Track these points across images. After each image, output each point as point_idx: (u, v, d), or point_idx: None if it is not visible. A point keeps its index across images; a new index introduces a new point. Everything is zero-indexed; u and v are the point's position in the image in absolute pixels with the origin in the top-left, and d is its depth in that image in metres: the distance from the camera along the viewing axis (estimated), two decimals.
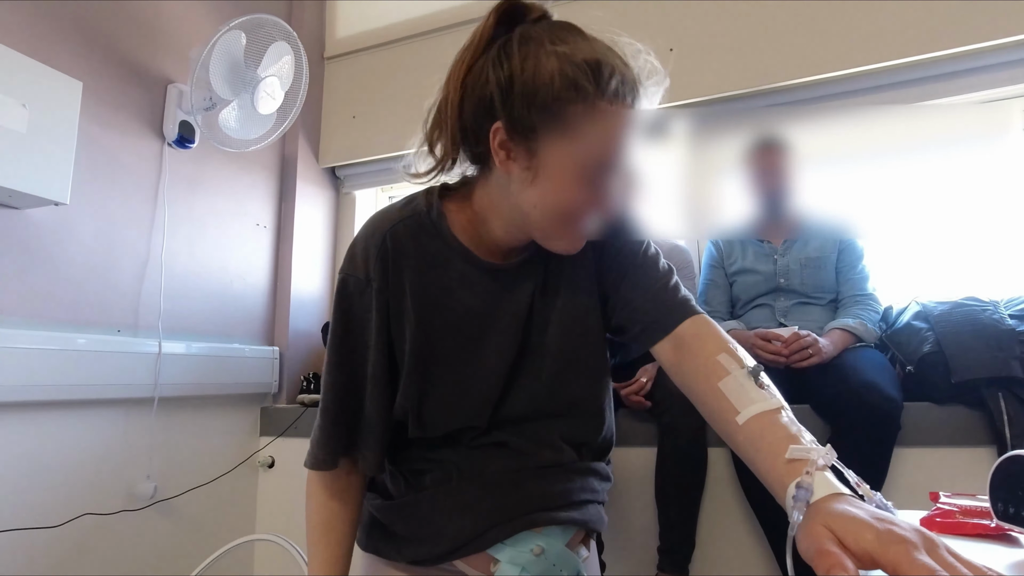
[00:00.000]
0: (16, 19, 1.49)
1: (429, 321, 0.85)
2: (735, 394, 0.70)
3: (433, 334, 0.86)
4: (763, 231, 1.70)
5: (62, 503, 1.50)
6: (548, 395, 0.90)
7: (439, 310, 0.86)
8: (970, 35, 1.62)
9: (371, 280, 0.84)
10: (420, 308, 0.85)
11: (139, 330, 1.72)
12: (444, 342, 0.86)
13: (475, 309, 0.86)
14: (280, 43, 1.83)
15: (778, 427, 0.65)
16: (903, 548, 0.45)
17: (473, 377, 0.88)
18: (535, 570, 0.84)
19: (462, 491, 0.88)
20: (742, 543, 1.57)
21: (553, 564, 0.85)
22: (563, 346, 0.89)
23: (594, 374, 0.93)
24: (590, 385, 0.93)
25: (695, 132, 0.91)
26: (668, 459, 1.52)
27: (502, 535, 0.84)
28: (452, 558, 0.87)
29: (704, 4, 1.92)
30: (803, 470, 0.59)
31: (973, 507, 0.65)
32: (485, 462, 0.89)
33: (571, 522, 0.87)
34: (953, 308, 1.55)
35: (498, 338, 0.87)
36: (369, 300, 0.84)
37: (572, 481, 0.89)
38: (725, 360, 0.74)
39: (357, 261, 0.85)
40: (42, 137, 1.40)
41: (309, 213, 2.33)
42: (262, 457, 2.06)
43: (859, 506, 0.53)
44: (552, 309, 0.90)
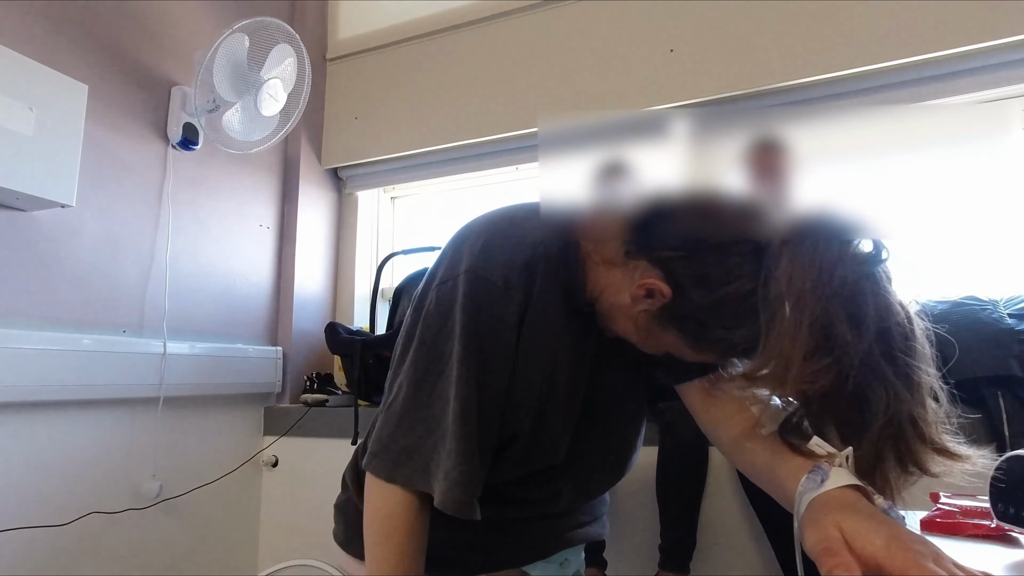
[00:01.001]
0: (23, 23, 1.50)
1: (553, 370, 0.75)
2: (767, 414, 0.69)
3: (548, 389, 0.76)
4: None
5: (68, 502, 1.51)
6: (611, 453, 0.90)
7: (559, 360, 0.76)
8: (971, 35, 1.62)
9: (511, 289, 0.71)
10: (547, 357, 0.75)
11: (144, 330, 1.73)
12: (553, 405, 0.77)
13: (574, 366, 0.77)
14: (283, 45, 1.84)
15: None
16: (911, 556, 0.45)
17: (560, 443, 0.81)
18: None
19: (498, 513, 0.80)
20: (743, 541, 1.57)
21: (570, 574, 0.96)
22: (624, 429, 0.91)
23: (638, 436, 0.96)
24: (636, 441, 0.95)
25: (695, 133, 0.92)
26: (669, 457, 1.53)
27: (540, 555, 0.90)
28: (485, 571, 0.88)
29: (704, 4, 1.93)
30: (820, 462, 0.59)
31: (973, 508, 0.66)
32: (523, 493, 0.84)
33: (597, 536, 0.96)
34: (952, 307, 1.55)
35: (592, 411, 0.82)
36: (506, 310, 0.71)
37: (595, 503, 0.98)
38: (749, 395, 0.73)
39: (495, 263, 0.71)
40: (48, 140, 1.41)
41: (312, 214, 2.33)
42: (266, 456, 2.07)
43: (872, 508, 0.53)
44: (613, 369, 0.83)
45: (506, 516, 0.84)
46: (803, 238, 0.60)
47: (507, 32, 2.18)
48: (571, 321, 0.74)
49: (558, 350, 0.74)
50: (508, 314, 0.71)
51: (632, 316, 0.70)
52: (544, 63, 2.11)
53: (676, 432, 1.53)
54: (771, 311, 0.59)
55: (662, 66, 1.96)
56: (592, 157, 1.01)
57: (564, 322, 0.74)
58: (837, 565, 0.46)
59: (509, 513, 0.84)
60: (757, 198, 0.64)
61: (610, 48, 2.03)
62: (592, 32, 2.06)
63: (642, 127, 1.00)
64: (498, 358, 0.72)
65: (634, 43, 2.01)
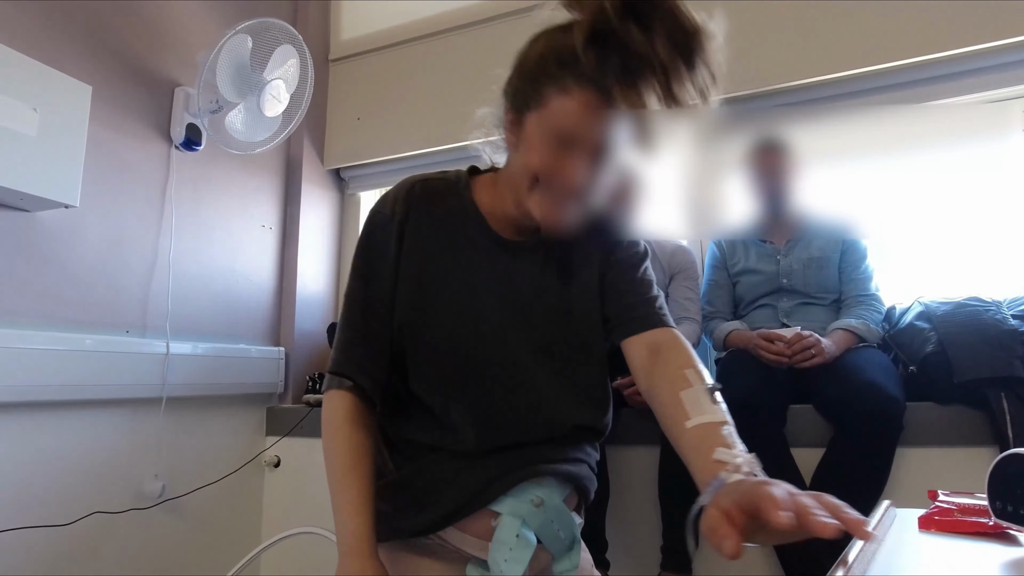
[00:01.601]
0: (27, 25, 1.51)
1: (436, 270, 0.91)
2: (691, 404, 0.77)
3: (437, 283, 0.91)
4: (766, 231, 1.71)
5: (72, 502, 1.52)
6: (549, 381, 0.92)
7: (446, 264, 0.91)
8: (971, 36, 1.62)
9: (394, 215, 0.91)
10: (430, 254, 0.91)
11: (147, 331, 1.73)
12: (443, 296, 0.90)
13: (478, 273, 0.91)
14: (286, 46, 1.84)
15: (717, 436, 0.71)
16: (765, 490, 0.54)
17: (472, 336, 0.90)
18: (535, 523, 0.87)
19: (464, 455, 0.89)
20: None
21: (552, 521, 0.88)
22: (566, 329, 0.93)
23: (596, 359, 0.95)
24: (593, 371, 0.95)
25: (697, 133, 0.92)
26: (671, 458, 1.53)
27: (504, 487, 0.87)
28: (453, 521, 0.89)
29: (706, 5, 1.92)
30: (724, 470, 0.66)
31: (971, 505, 0.66)
32: (484, 433, 0.90)
33: (567, 475, 0.91)
34: (956, 308, 1.55)
35: (500, 307, 0.91)
36: (390, 232, 0.91)
37: (566, 445, 0.94)
38: (691, 374, 0.81)
39: (386, 200, 0.94)
40: (52, 140, 1.41)
41: (314, 214, 2.34)
42: (268, 457, 2.08)
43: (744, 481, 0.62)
44: (555, 292, 0.93)
45: (460, 449, 0.89)
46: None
47: (509, 33, 2.19)
48: (452, 225, 0.92)
49: (434, 248, 0.91)
50: (390, 232, 0.91)
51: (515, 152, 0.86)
52: None
53: None
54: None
55: None
56: None
57: (442, 226, 0.92)
58: (721, 537, 0.55)
59: (460, 443, 0.89)
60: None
61: None
62: None
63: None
64: (382, 264, 0.91)
65: None
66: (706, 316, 1.81)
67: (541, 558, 0.90)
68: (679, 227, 1.08)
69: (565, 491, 0.92)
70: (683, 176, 0.89)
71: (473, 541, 0.89)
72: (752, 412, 1.51)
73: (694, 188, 0.89)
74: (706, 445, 0.71)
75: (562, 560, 0.91)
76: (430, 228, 0.92)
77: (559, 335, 0.93)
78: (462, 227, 0.93)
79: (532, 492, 0.88)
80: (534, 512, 0.87)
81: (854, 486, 1.40)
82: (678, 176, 0.90)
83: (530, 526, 0.87)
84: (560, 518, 0.89)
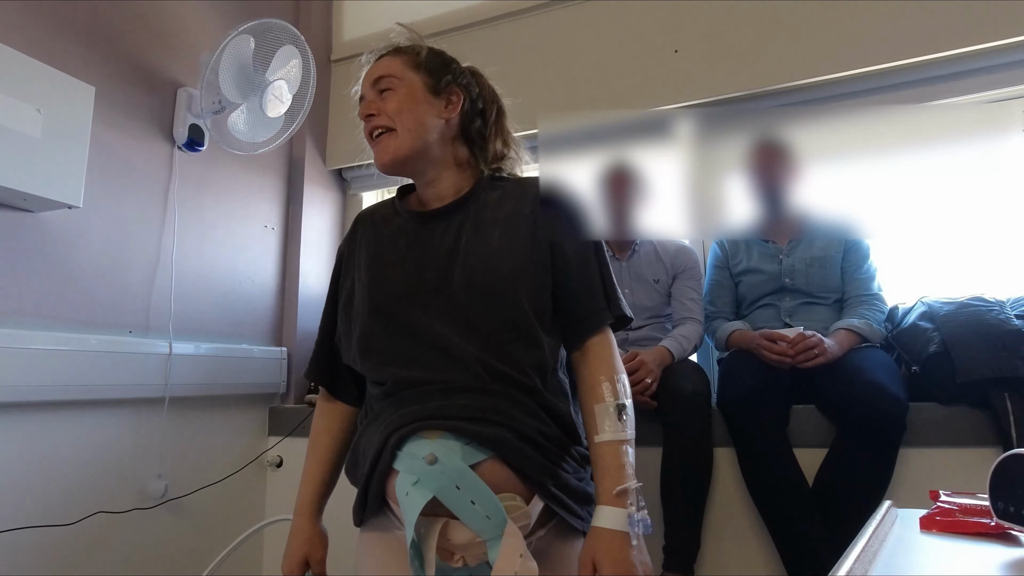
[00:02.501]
0: (30, 26, 1.51)
1: (372, 258, 1.07)
2: (601, 418, 0.95)
3: (374, 266, 1.06)
4: (768, 231, 1.71)
5: (75, 501, 1.53)
6: (466, 316, 0.96)
7: (384, 256, 1.06)
8: (971, 36, 1.62)
9: (340, 250, 1.17)
10: (370, 258, 1.07)
11: (150, 331, 1.74)
12: (381, 270, 1.04)
13: (405, 248, 1.05)
14: (288, 47, 1.85)
15: (615, 456, 0.93)
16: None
17: (401, 303, 1.00)
18: (432, 484, 0.84)
19: (380, 415, 0.98)
20: (748, 543, 1.57)
21: (456, 487, 0.84)
22: (485, 274, 0.98)
23: (513, 302, 0.97)
24: (508, 309, 0.96)
25: (700, 133, 0.92)
26: (674, 459, 1.53)
27: (395, 442, 0.89)
28: (376, 485, 0.93)
29: (708, 5, 1.93)
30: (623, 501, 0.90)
31: (973, 506, 0.66)
32: (401, 389, 0.97)
33: (465, 433, 0.87)
34: (959, 308, 1.54)
35: (427, 270, 1.01)
36: (339, 263, 1.16)
37: (477, 399, 0.91)
38: (606, 389, 0.97)
39: (343, 241, 1.18)
40: (56, 141, 1.42)
41: (316, 215, 2.34)
42: (270, 457, 2.08)
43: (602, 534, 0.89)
44: (474, 242, 1.02)
45: (380, 416, 0.97)
46: None
47: (511, 33, 2.19)
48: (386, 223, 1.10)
49: (380, 243, 1.08)
50: (338, 263, 1.16)
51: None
52: (548, 64, 2.11)
53: (680, 434, 1.52)
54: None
55: (666, 67, 1.96)
56: (593, 156, 1.02)
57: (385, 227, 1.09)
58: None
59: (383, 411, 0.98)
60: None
61: (614, 49, 2.03)
62: (596, 33, 2.06)
63: (645, 127, 1.01)
64: (344, 273, 1.14)
65: (638, 44, 2.01)
66: (708, 316, 1.81)
67: (466, 541, 0.87)
68: (682, 227, 1.08)
69: (476, 455, 0.87)
70: (685, 176, 0.89)
71: (398, 510, 0.93)
72: (754, 412, 1.51)
73: (697, 188, 0.89)
74: (605, 463, 0.93)
75: (496, 546, 0.85)
76: (370, 240, 1.10)
77: (467, 280, 0.98)
78: (390, 223, 1.10)
79: (424, 450, 0.86)
80: (429, 471, 0.85)
81: (857, 487, 1.40)
82: (680, 176, 0.90)
83: (427, 486, 0.84)
84: (472, 488, 0.84)
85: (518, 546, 0.83)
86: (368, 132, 1.06)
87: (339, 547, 1.15)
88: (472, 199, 1.06)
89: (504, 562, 0.82)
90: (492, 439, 0.88)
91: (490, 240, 1.01)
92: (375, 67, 1.09)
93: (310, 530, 1.09)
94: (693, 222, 0.94)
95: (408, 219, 1.08)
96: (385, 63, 1.09)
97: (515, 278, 0.98)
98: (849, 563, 0.53)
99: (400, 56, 1.10)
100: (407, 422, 0.90)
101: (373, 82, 1.07)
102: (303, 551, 1.07)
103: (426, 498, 0.83)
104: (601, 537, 0.87)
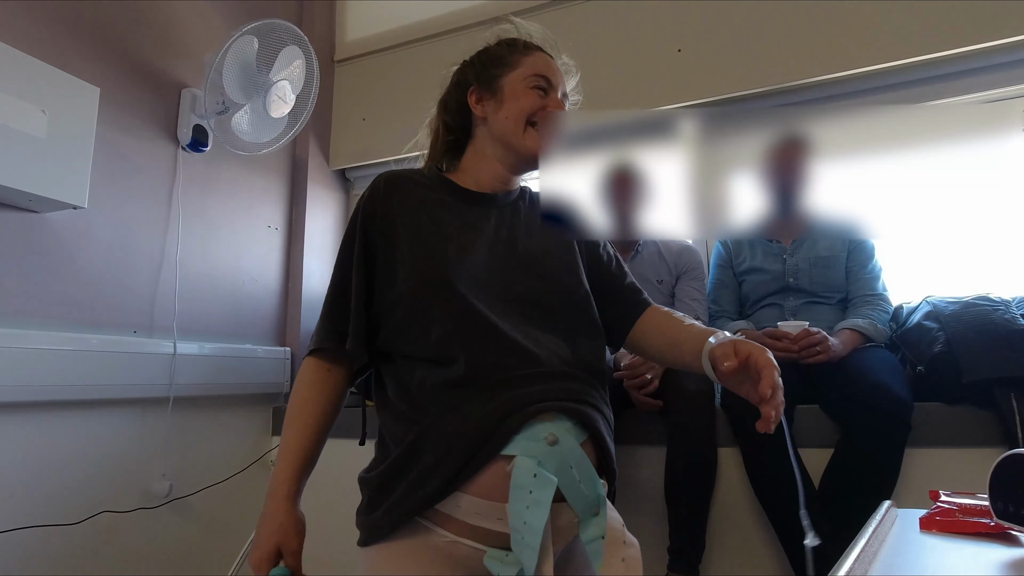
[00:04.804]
0: (35, 27, 1.52)
1: (423, 226, 1.02)
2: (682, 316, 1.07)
3: (429, 235, 1.01)
4: (773, 230, 1.70)
5: (80, 501, 1.53)
6: (539, 299, 0.99)
7: (428, 220, 1.02)
8: (971, 36, 1.62)
9: (364, 209, 1.05)
10: (412, 220, 1.02)
11: (154, 331, 1.75)
12: (440, 241, 1.00)
13: (460, 226, 1.02)
14: (291, 47, 1.85)
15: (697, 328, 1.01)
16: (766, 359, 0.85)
17: (471, 263, 0.98)
18: (551, 464, 0.83)
19: (467, 403, 0.89)
20: (753, 543, 1.56)
21: (570, 467, 0.84)
22: (545, 259, 1.03)
23: (579, 288, 1.03)
24: (576, 297, 1.02)
25: (703, 133, 0.92)
26: (678, 459, 1.52)
27: (514, 425, 0.85)
28: (465, 478, 0.85)
29: (710, 5, 1.92)
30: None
31: (973, 506, 0.66)
32: (487, 374, 0.91)
33: (577, 413, 0.90)
34: (964, 308, 1.54)
35: (487, 252, 1.00)
36: (356, 224, 1.05)
37: (572, 384, 0.93)
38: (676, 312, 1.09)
39: (374, 182, 1.09)
40: (61, 142, 1.43)
41: (319, 215, 2.35)
42: (274, 456, 2.08)
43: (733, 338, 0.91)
44: (531, 233, 1.06)
45: (464, 405, 0.90)
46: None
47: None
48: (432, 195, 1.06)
49: (427, 212, 1.03)
50: (354, 222, 1.05)
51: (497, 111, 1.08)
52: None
53: (684, 434, 1.52)
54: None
55: (669, 66, 1.96)
56: (596, 156, 1.02)
57: (426, 197, 1.05)
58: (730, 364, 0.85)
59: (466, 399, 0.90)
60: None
61: (617, 48, 2.03)
62: (599, 32, 2.06)
63: (649, 127, 1.01)
64: (352, 251, 1.03)
65: (641, 43, 2.01)
66: (712, 315, 1.80)
67: (566, 523, 0.85)
68: (685, 227, 1.08)
69: (581, 435, 0.89)
70: (689, 175, 0.89)
71: (487, 507, 0.84)
72: (758, 412, 1.50)
73: (701, 188, 0.89)
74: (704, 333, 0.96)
75: (589, 525, 0.85)
76: (405, 207, 1.04)
77: (535, 268, 1.01)
78: (432, 192, 1.07)
79: (545, 430, 0.85)
80: (549, 451, 0.83)
81: (862, 487, 1.39)
82: (684, 175, 0.90)
83: (547, 468, 0.82)
84: (580, 466, 0.85)
85: (620, 528, 0.85)
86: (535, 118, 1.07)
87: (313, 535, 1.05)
88: (520, 200, 1.13)
89: (612, 547, 0.82)
90: (591, 421, 0.91)
91: (544, 234, 1.07)
92: (563, 79, 1.14)
93: (285, 515, 0.94)
94: (697, 221, 0.94)
95: (454, 195, 1.08)
96: (575, 85, 1.18)
97: (576, 271, 1.06)
98: (849, 563, 0.53)
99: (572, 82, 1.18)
100: (521, 406, 0.87)
101: (563, 92, 1.12)
102: (275, 539, 0.93)
103: (554, 482, 0.82)
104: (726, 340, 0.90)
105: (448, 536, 0.87)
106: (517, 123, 1.06)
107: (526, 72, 1.09)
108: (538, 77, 1.08)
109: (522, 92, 1.08)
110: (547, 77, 1.09)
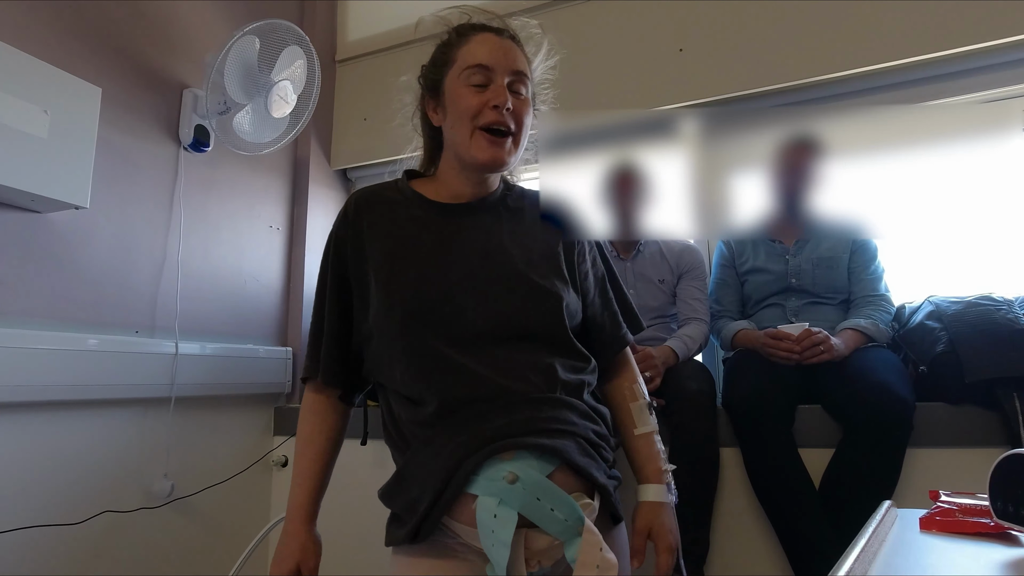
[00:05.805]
0: (37, 27, 1.53)
1: (390, 253, 1.00)
2: (638, 414, 1.08)
3: (395, 262, 1.00)
4: (776, 231, 1.70)
5: (82, 501, 1.54)
6: (510, 318, 0.95)
7: (397, 244, 1.01)
8: (971, 36, 1.61)
9: (336, 234, 1.07)
10: (380, 245, 1.01)
11: (156, 331, 1.75)
12: (405, 269, 0.99)
13: (433, 243, 1.01)
14: (293, 47, 1.85)
15: (652, 444, 1.07)
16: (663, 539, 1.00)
17: (435, 293, 0.96)
18: (515, 502, 0.84)
19: (435, 439, 0.93)
20: (756, 544, 1.56)
21: (537, 498, 0.85)
22: (524, 273, 0.99)
23: (557, 304, 0.98)
24: (553, 312, 0.98)
25: (704, 132, 0.92)
26: (680, 460, 1.52)
27: (472, 467, 0.87)
28: (440, 511, 0.89)
29: (712, 4, 1.92)
30: (663, 479, 1.05)
31: (973, 506, 0.66)
32: (454, 410, 0.92)
33: (537, 447, 0.88)
34: (966, 307, 1.53)
35: (463, 268, 0.98)
36: (330, 250, 1.07)
37: (539, 411, 0.92)
38: (637, 390, 1.10)
39: (336, 220, 1.09)
40: (63, 142, 1.43)
41: (321, 215, 2.35)
42: (275, 456, 2.09)
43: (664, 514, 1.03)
44: (510, 243, 1.02)
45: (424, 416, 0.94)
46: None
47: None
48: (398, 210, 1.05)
49: (397, 234, 1.02)
50: (329, 250, 1.07)
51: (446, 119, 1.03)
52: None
53: (687, 435, 1.51)
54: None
55: (670, 66, 1.95)
56: (597, 156, 1.02)
57: (397, 215, 1.04)
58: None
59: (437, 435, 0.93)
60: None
61: (619, 48, 2.03)
62: (600, 32, 2.06)
63: (650, 127, 1.01)
64: (327, 282, 1.07)
65: (643, 43, 2.00)
66: (714, 315, 1.80)
67: (545, 545, 0.87)
68: (687, 227, 1.08)
69: (548, 466, 0.89)
70: (691, 176, 0.89)
71: (471, 531, 0.88)
72: (760, 412, 1.50)
73: (702, 187, 0.89)
74: (644, 453, 1.06)
75: (573, 544, 0.86)
76: (377, 226, 1.03)
77: (512, 281, 0.98)
78: (405, 210, 1.05)
79: (503, 469, 0.86)
80: (510, 489, 0.85)
81: (864, 487, 1.39)
82: (685, 176, 0.90)
83: (511, 505, 0.84)
84: (548, 495, 0.86)
85: (596, 541, 0.86)
86: (486, 121, 0.97)
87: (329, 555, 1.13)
88: (501, 203, 1.07)
89: (586, 557, 0.85)
90: (560, 449, 0.90)
91: (526, 243, 1.03)
92: (514, 55, 1.01)
93: (304, 536, 1.04)
94: (699, 222, 0.94)
95: (426, 209, 1.03)
96: (519, 57, 1.03)
97: (555, 279, 1.01)
98: (849, 563, 0.53)
99: (523, 51, 1.05)
100: (478, 446, 0.88)
101: (512, 73, 0.99)
102: (296, 558, 1.02)
103: (515, 519, 0.84)
104: (652, 509, 1.01)
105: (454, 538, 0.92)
106: (463, 131, 0.98)
107: (460, 67, 1.00)
108: (471, 69, 0.98)
109: (459, 93, 0.99)
110: (483, 64, 0.98)
